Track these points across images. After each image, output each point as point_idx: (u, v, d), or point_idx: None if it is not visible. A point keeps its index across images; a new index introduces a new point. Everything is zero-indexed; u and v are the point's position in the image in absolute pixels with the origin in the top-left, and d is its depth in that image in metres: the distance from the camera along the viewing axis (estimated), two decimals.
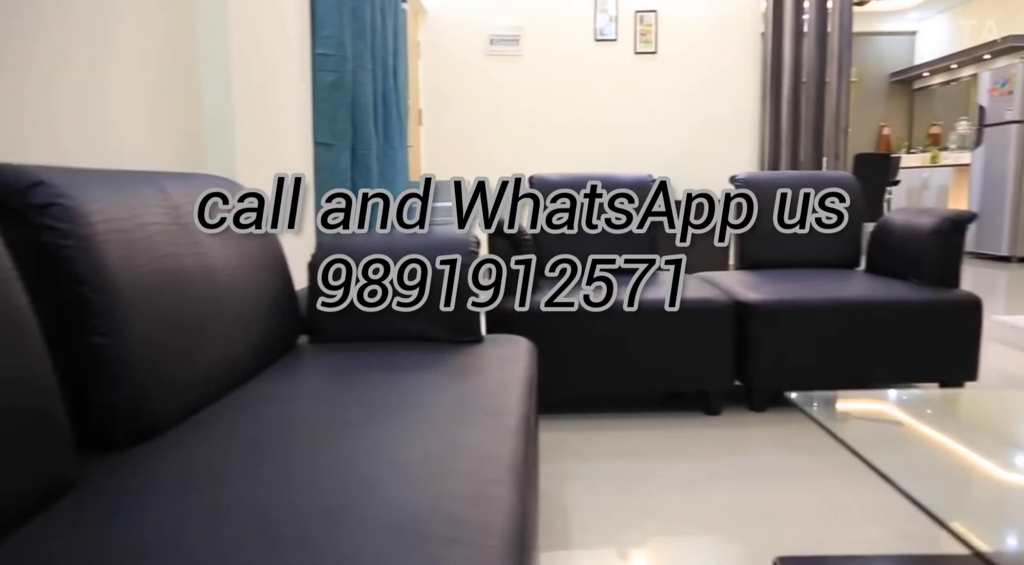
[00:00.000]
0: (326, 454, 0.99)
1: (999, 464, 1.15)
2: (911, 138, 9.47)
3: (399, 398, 1.22)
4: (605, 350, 2.28)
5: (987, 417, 1.39)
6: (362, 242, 1.74)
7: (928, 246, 2.43)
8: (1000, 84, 6.48)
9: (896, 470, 0.93)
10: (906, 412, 1.38)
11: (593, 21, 5.52)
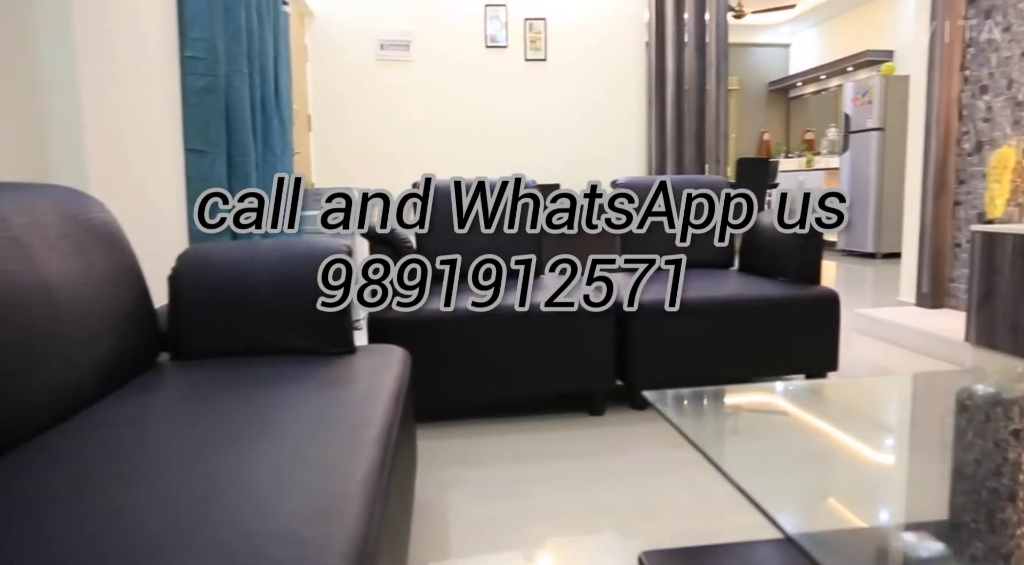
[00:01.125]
0: (165, 477, 0.94)
1: (838, 449, 1.22)
2: (789, 143, 10.05)
3: (255, 415, 1.18)
4: (490, 355, 2.29)
5: (835, 404, 1.48)
6: (226, 252, 1.68)
7: (791, 246, 2.58)
8: (861, 94, 6.97)
9: (730, 459, 0.97)
10: (759, 403, 1.45)
11: (484, 27, 5.55)
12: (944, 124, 3.61)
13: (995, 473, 1.06)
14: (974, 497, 0.99)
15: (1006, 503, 0.97)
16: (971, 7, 3.54)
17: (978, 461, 1.13)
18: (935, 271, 3.66)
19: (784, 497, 0.95)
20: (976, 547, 0.84)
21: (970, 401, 1.42)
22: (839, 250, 7.38)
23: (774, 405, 1.46)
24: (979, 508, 0.95)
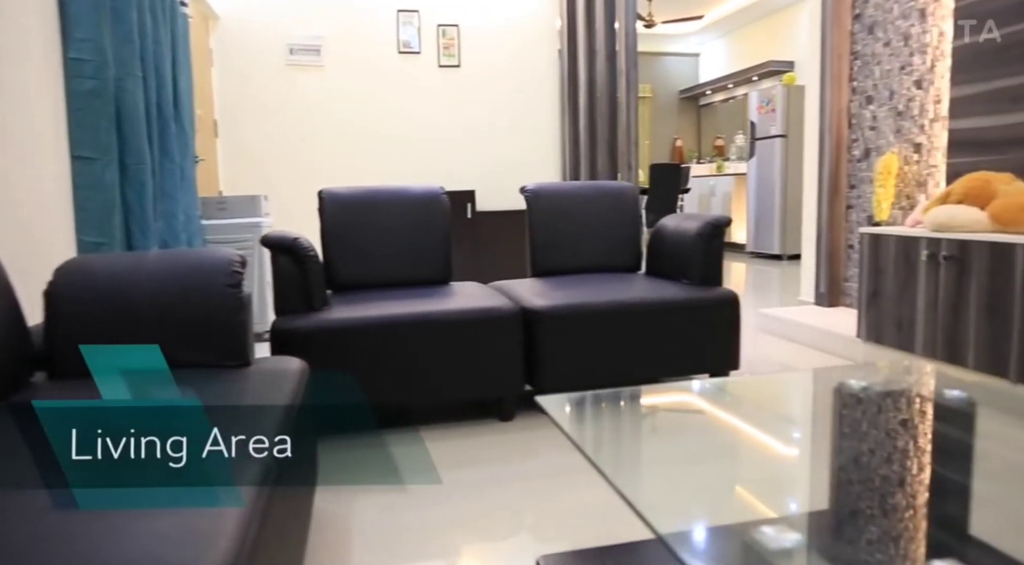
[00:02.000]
0: (26, 501, 0.88)
1: (732, 445, 1.26)
2: (700, 149, 10.39)
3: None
4: (399, 364, 2.26)
5: (732, 402, 1.53)
6: (109, 264, 1.60)
7: (693, 249, 2.66)
8: (765, 103, 7.28)
9: (619, 461, 0.99)
10: (655, 403, 1.48)
11: (396, 33, 5.50)
12: (835, 132, 3.81)
13: (886, 460, 1.11)
14: (868, 485, 1.03)
15: (896, 489, 1.02)
16: (856, 23, 3.75)
17: (872, 450, 1.19)
18: (831, 271, 3.85)
19: (668, 495, 0.97)
20: (869, 532, 0.88)
21: (864, 394, 1.50)
22: (748, 252, 7.67)
23: (670, 404, 1.50)
24: (872, 495, 0.99)
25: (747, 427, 1.29)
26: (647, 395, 1.55)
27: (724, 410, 1.46)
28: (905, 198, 3.44)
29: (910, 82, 3.41)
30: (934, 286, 2.65)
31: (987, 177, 2.63)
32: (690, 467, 1.12)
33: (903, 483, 1.04)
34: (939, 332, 2.65)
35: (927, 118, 3.32)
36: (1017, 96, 2.80)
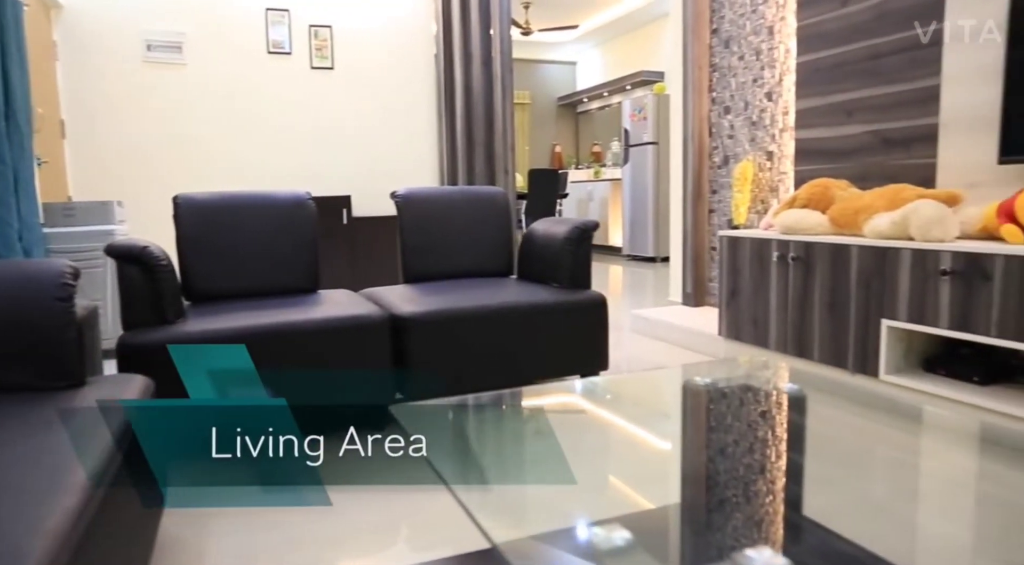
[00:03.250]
0: None
1: (594, 445, 1.27)
2: (578, 155, 10.65)
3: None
4: (259, 377, 2.16)
5: (597, 401, 1.56)
6: None
7: (562, 252, 2.70)
8: (638, 111, 7.56)
9: (463, 469, 0.98)
10: (517, 406, 1.48)
11: (265, 33, 5.30)
12: (698, 140, 4.00)
13: (748, 451, 1.16)
14: (711, 476, 1.06)
15: (758, 477, 1.06)
16: (714, 37, 3.95)
17: (736, 441, 1.23)
18: (696, 272, 4.04)
19: (516, 500, 0.97)
20: (707, 522, 0.90)
21: (728, 389, 1.56)
22: (624, 255, 7.94)
23: (531, 407, 1.50)
24: (712, 485, 1.03)
25: (601, 425, 1.32)
26: (508, 398, 1.55)
27: (594, 409, 1.48)
28: (760, 203, 3.66)
29: (762, 94, 3.63)
30: (784, 285, 2.83)
31: (827, 183, 2.84)
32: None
33: (741, 472, 1.09)
34: (789, 328, 2.83)
35: (777, 128, 3.55)
36: (851, 110, 3.04)
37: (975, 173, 2.50)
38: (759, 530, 0.88)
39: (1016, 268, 2.02)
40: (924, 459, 1.29)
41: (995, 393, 2.20)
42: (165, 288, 2.20)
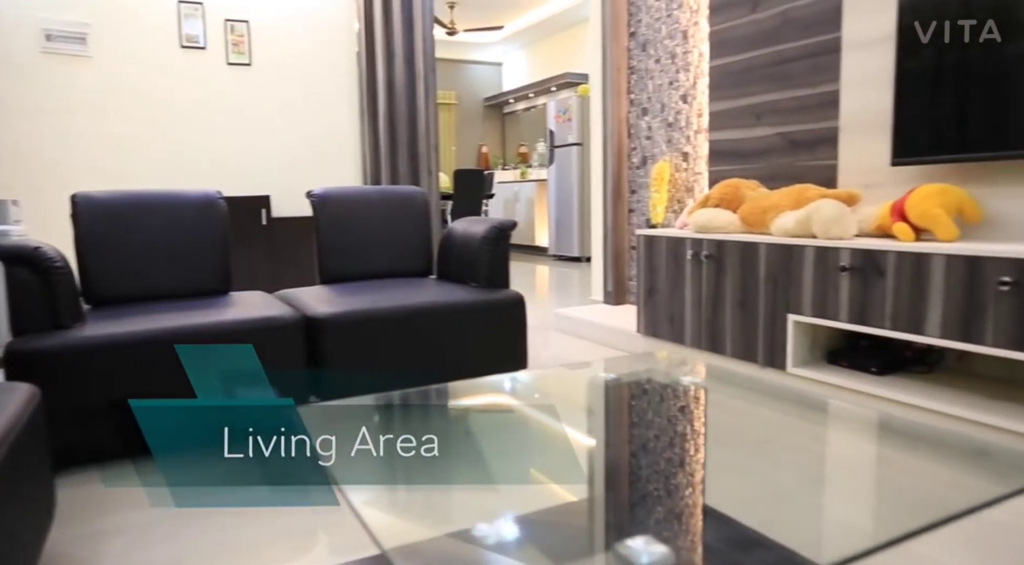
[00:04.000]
0: None
1: (505, 446, 1.27)
2: (505, 156, 10.69)
3: None
4: (166, 384, 2.07)
5: (506, 400, 1.55)
6: None
7: (480, 252, 2.70)
8: (562, 112, 7.64)
9: (365, 472, 0.96)
10: (423, 405, 1.47)
11: (178, 26, 5.10)
12: (617, 140, 4.07)
13: (669, 445, 1.17)
14: (611, 469, 1.07)
15: (678, 470, 1.08)
16: (632, 40, 4.03)
17: (638, 435, 1.25)
18: (616, 271, 4.10)
19: (412, 504, 0.96)
20: (602, 516, 0.91)
21: (649, 385, 1.58)
22: (550, 255, 8.01)
23: (441, 405, 1.49)
24: (639, 475, 1.03)
25: (506, 424, 1.32)
26: (419, 397, 1.54)
27: (493, 407, 1.48)
28: (677, 202, 3.75)
29: (677, 96, 3.72)
30: (698, 283, 2.91)
31: (737, 184, 2.93)
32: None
33: (643, 464, 1.11)
34: (703, 324, 2.91)
35: (692, 130, 3.64)
36: (760, 112, 3.15)
37: (871, 174, 2.63)
38: (654, 520, 0.89)
39: (907, 264, 2.13)
40: (821, 446, 1.34)
41: (890, 383, 2.31)
42: (60, 291, 2.09)
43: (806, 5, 2.93)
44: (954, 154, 2.28)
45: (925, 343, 2.18)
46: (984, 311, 1.95)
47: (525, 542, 0.76)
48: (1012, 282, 1.88)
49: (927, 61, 2.32)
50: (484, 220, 2.85)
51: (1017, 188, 2.22)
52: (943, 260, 2.04)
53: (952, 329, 2.03)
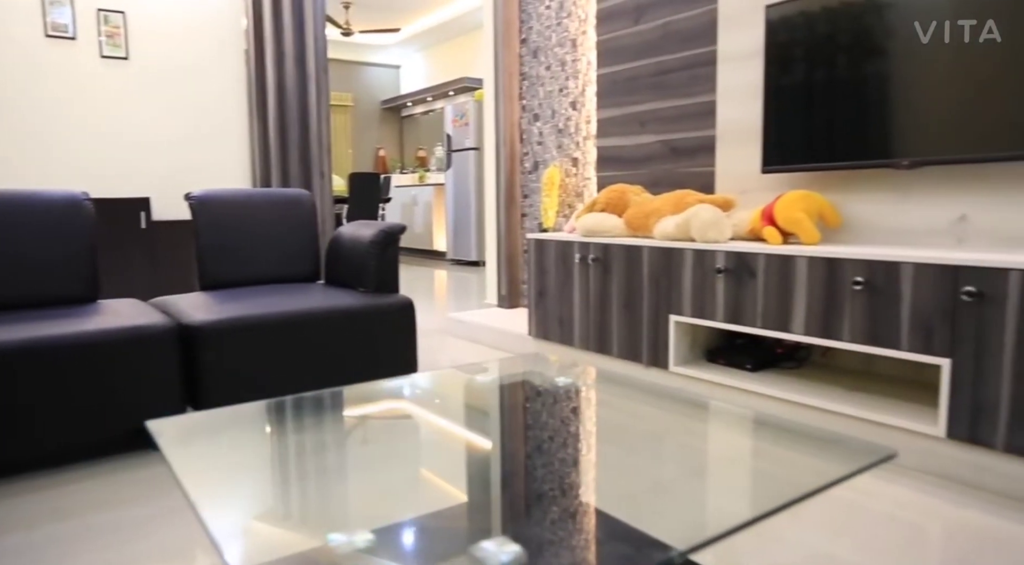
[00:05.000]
0: None
1: (374, 452, 1.24)
2: (403, 160, 10.59)
3: None
4: (23, 398, 1.92)
5: (384, 404, 1.53)
6: None
7: (368, 256, 2.66)
8: (460, 116, 7.65)
9: (225, 486, 0.92)
10: (299, 412, 1.42)
11: (42, 13, 4.76)
12: (509, 145, 4.11)
13: (563, 445, 1.17)
14: (506, 468, 1.07)
15: (555, 468, 1.08)
16: (523, 46, 4.08)
17: (551, 437, 1.24)
18: (510, 275, 4.14)
19: (277, 518, 0.92)
20: (466, 522, 0.90)
21: (542, 387, 1.59)
22: (449, 259, 7.99)
23: (319, 412, 1.45)
24: (534, 476, 1.03)
25: (381, 426, 1.30)
26: (296, 404, 1.49)
27: (380, 412, 1.45)
28: (568, 207, 3.82)
29: (567, 103, 3.80)
30: (586, 285, 2.97)
31: (623, 189, 3.02)
32: (317, 478, 1.08)
33: (510, 464, 1.11)
34: (591, 326, 2.97)
35: (581, 136, 3.73)
36: (644, 120, 3.26)
37: (745, 181, 2.77)
38: (527, 519, 0.90)
39: (774, 266, 2.26)
40: (691, 441, 1.39)
41: (763, 379, 2.44)
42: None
43: (685, 19, 3.06)
44: (816, 163, 2.43)
45: (792, 340, 2.32)
46: (841, 309, 2.09)
47: (382, 550, 0.75)
48: (864, 282, 2.03)
49: (792, 76, 2.47)
50: (372, 224, 2.81)
51: (871, 194, 2.40)
52: (806, 262, 2.18)
53: (814, 326, 2.17)
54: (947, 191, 2.21)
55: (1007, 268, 1.74)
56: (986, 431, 1.80)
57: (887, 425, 2.02)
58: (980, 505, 1.75)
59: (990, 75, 2.00)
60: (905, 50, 2.17)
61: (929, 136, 2.14)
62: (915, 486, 1.87)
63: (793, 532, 1.61)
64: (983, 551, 1.51)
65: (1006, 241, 2.10)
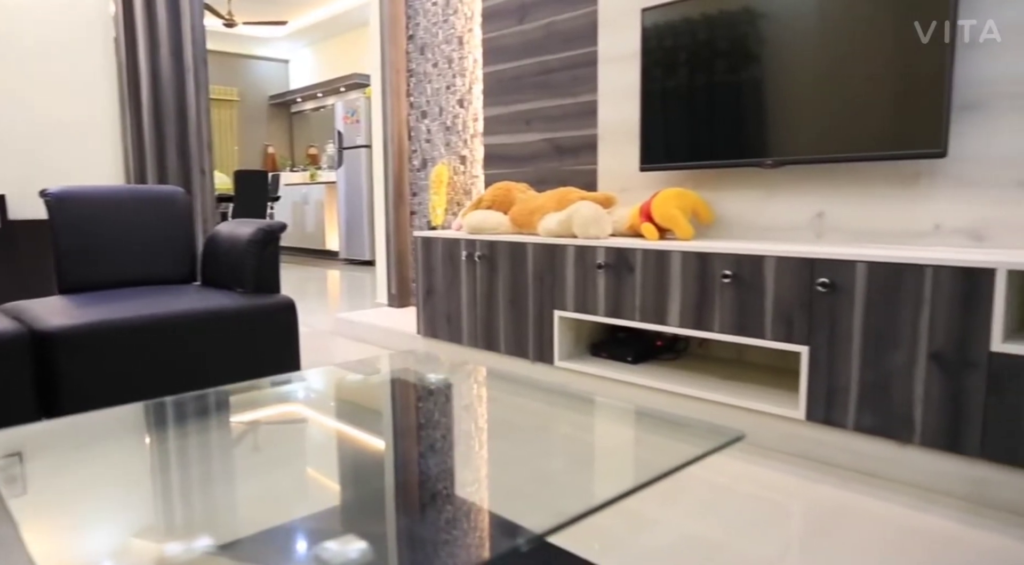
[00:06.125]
0: None
1: (247, 457, 1.19)
2: (294, 157, 10.28)
3: None
4: None
5: (258, 408, 1.47)
6: None
7: (246, 256, 2.56)
8: (351, 113, 7.50)
9: (24, 506, 0.85)
10: (157, 419, 1.35)
11: None
12: (397, 143, 4.06)
13: (429, 440, 1.15)
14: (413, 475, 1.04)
15: (434, 462, 1.05)
16: (410, 43, 4.05)
17: (444, 436, 1.22)
18: (400, 274, 4.09)
19: (101, 534, 0.87)
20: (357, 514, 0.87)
21: (435, 386, 1.56)
22: (342, 259, 7.82)
23: (179, 418, 1.38)
24: (403, 472, 1.00)
25: (272, 436, 1.25)
26: (157, 409, 1.41)
27: (257, 415, 1.39)
28: (456, 204, 3.82)
29: (454, 101, 3.80)
30: (473, 283, 2.98)
31: (509, 186, 3.04)
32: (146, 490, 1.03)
33: (372, 466, 1.10)
34: (478, 324, 2.98)
35: (469, 133, 3.73)
36: (529, 119, 3.30)
37: (625, 178, 2.85)
38: (396, 517, 0.88)
39: (651, 261, 2.34)
40: (562, 432, 1.41)
41: (644, 370, 2.52)
42: None
43: (567, 20, 3.12)
44: (690, 162, 2.54)
45: (670, 332, 2.40)
46: (712, 301, 2.19)
47: (226, 560, 0.72)
48: (732, 275, 2.13)
49: (666, 78, 2.56)
50: (252, 222, 2.70)
51: (741, 192, 2.52)
52: (680, 257, 2.26)
53: (688, 319, 2.26)
54: (807, 189, 2.36)
55: (855, 260, 1.87)
56: (839, 413, 1.93)
57: (756, 411, 2.13)
58: (833, 481, 1.88)
59: (845, 82, 2.15)
60: (770, 56, 2.29)
61: (791, 138, 2.27)
62: (778, 467, 1.98)
63: (665, 516, 1.67)
64: (837, 522, 1.62)
65: (857, 235, 2.26)
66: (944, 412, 1.74)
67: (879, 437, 1.87)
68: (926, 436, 1.78)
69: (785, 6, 2.25)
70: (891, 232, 2.18)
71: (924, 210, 2.12)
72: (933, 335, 1.75)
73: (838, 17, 2.14)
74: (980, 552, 1.49)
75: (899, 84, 2.03)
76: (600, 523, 1.62)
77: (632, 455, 1.20)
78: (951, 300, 1.71)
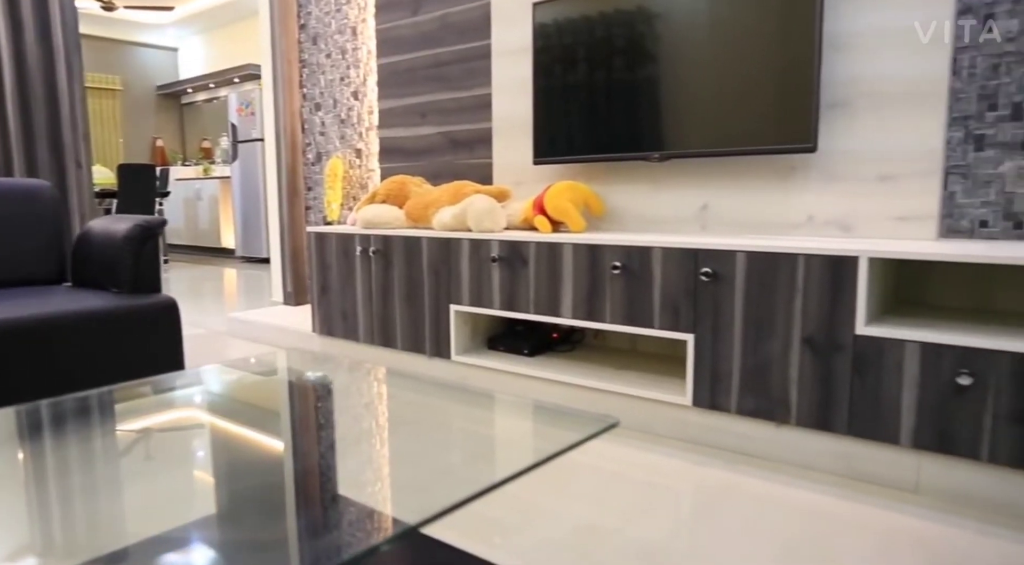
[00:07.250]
0: None
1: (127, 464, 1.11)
2: (185, 151, 9.80)
3: None
4: None
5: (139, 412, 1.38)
6: None
7: (122, 253, 2.41)
8: (245, 105, 7.21)
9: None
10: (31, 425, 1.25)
11: None
12: (290, 136, 3.93)
13: (304, 438, 1.10)
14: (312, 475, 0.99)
15: (309, 460, 1.00)
16: (302, 32, 3.92)
17: (295, 431, 1.16)
18: (296, 271, 3.97)
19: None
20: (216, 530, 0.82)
21: (295, 383, 1.49)
22: (238, 257, 7.52)
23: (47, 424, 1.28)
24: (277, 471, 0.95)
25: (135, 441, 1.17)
26: (23, 416, 1.30)
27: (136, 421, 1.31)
28: (352, 199, 3.74)
29: (349, 93, 3.71)
30: (368, 278, 2.92)
31: (403, 180, 2.99)
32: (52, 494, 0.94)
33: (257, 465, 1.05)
34: (375, 320, 2.93)
35: (364, 126, 3.65)
36: (424, 112, 3.26)
37: (519, 172, 2.86)
38: (250, 520, 0.84)
39: (544, 253, 2.36)
40: (440, 422, 1.40)
41: (540, 363, 2.54)
42: None
43: (461, 12, 3.09)
44: (580, 155, 2.57)
45: (564, 324, 2.43)
46: (603, 292, 2.23)
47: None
48: (622, 266, 2.17)
49: (557, 72, 2.58)
50: (128, 218, 2.54)
51: (630, 185, 2.58)
52: (571, 249, 2.29)
53: (581, 310, 2.29)
54: (693, 182, 2.44)
55: (735, 250, 1.95)
56: (722, 397, 2.00)
57: (647, 398, 2.18)
58: (720, 463, 1.95)
59: (726, 81, 2.22)
60: (657, 55, 2.35)
61: (677, 133, 2.34)
62: (669, 452, 2.04)
63: (559, 507, 1.68)
64: (722, 503, 1.68)
65: (739, 227, 2.35)
66: (816, 393, 1.84)
67: (759, 419, 1.96)
68: (800, 416, 1.87)
69: (670, 7, 2.31)
70: (770, 223, 2.29)
71: (799, 202, 2.22)
72: (806, 320, 1.84)
73: (721, 18, 2.21)
74: (847, 522, 1.58)
75: (774, 83, 2.13)
76: (494, 516, 1.62)
77: (514, 445, 1.19)
78: (821, 287, 1.81)
